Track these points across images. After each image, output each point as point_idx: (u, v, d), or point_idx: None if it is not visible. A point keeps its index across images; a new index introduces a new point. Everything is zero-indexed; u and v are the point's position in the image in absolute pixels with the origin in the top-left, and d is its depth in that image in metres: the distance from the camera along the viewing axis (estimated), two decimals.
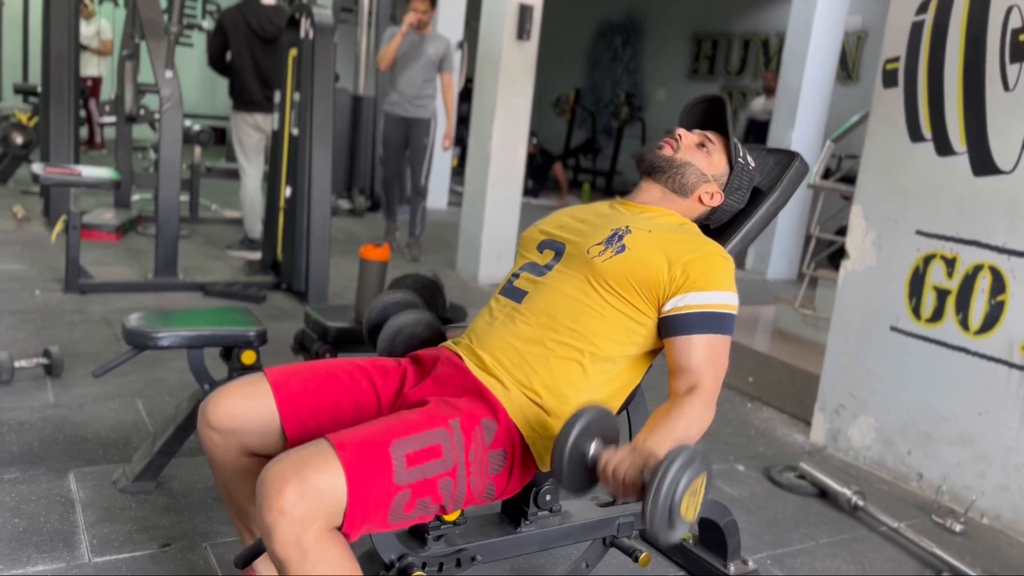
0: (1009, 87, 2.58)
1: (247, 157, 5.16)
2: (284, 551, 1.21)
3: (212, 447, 1.52)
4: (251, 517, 1.60)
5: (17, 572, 1.83)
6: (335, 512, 1.25)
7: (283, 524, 1.20)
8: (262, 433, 1.49)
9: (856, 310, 3.04)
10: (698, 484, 1.21)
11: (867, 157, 3.01)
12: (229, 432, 1.49)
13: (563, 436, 1.29)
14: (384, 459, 1.30)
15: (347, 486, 1.24)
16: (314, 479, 1.22)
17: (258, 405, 1.49)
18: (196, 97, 10.82)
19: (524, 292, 1.62)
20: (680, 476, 1.18)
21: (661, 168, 1.72)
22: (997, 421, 2.62)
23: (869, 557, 2.36)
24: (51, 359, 2.91)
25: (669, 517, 1.18)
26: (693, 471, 1.20)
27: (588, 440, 1.30)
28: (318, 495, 1.22)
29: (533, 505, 1.66)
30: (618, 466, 1.27)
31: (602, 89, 12.19)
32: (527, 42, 4.97)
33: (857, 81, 8.50)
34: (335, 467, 1.24)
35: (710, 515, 2.01)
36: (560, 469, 1.29)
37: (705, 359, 1.50)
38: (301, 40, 4.23)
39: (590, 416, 1.31)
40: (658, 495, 1.17)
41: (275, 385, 1.51)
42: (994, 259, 2.62)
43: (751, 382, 3.74)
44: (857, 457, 3.02)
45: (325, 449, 1.26)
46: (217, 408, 1.49)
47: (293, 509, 1.20)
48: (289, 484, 1.20)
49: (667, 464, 1.19)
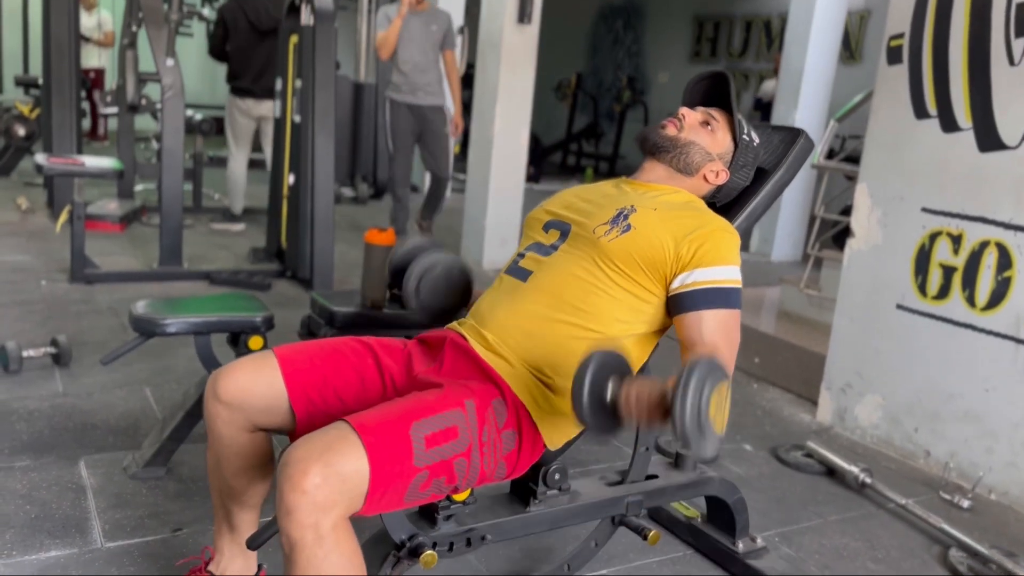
0: (1014, 61, 2.57)
1: (236, 140, 5.59)
2: (300, 533, 1.21)
3: (215, 419, 1.53)
4: (235, 494, 1.61)
5: (31, 557, 1.84)
6: (356, 496, 1.25)
7: (305, 505, 1.20)
8: (268, 408, 1.50)
9: (862, 289, 3.03)
10: (722, 392, 1.22)
11: (872, 135, 3.00)
12: (236, 406, 1.50)
13: (579, 380, 1.28)
14: (405, 441, 1.30)
15: (370, 470, 1.25)
16: (338, 463, 1.23)
17: (266, 380, 1.50)
18: (197, 86, 10.80)
19: (529, 272, 1.62)
20: (704, 382, 1.19)
21: (664, 148, 1.72)
22: (1004, 397, 2.61)
23: (877, 534, 2.37)
24: (59, 348, 2.92)
25: (699, 424, 1.18)
26: (715, 378, 1.20)
27: (605, 379, 1.30)
28: (341, 479, 1.22)
29: (542, 484, 1.67)
30: (639, 392, 1.27)
31: (604, 73, 12.14)
32: (528, 25, 4.95)
33: (860, 61, 8.45)
34: (359, 452, 1.25)
35: (718, 493, 2.01)
36: (582, 413, 1.28)
37: (718, 333, 1.51)
38: (302, 27, 4.22)
39: (601, 357, 1.30)
40: (684, 401, 1.17)
41: (283, 361, 1.52)
42: (1000, 235, 2.61)
43: (757, 363, 3.74)
44: (864, 436, 3.03)
45: (347, 433, 1.27)
46: (226, 382, 1.50)
47: (316, 491, 1.20)
48: (314, 467, 1.21)
49: (688, 372, 1.19)
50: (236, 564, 1.67)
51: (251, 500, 1.64)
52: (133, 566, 1.85)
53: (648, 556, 2.09)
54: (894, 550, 2.29)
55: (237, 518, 1.64)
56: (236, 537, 1.66)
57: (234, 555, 1.67)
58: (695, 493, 1.98)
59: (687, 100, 1.81)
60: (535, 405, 1.49)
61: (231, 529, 1.66)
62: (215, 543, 1.69)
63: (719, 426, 1.22)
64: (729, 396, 1.24)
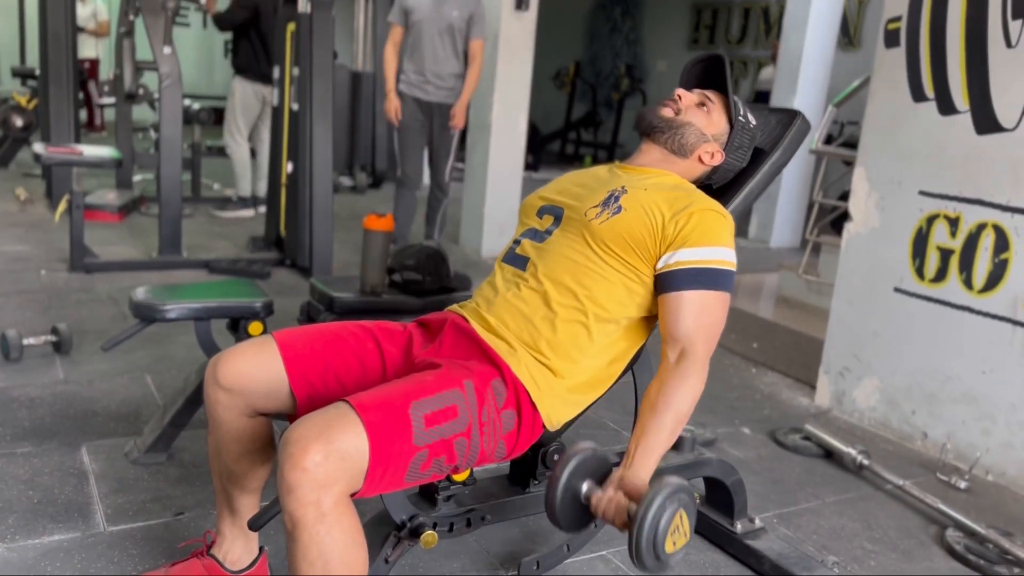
0: (1011, 44, 2.57)
1: (243, 125, 5.57)
2: (302, 510, 1.22)
3: (215, 404, 1.54)
4: (236, 479, 1.62)
5: (34, 541, 1.85)
6: (356, 474, 1.26)
7: (306, 483, 1.21)
8: (269, 393, 1.51)
9: (860, 272, 3.04)
10: (678, 521, 1.27)
11: (869, 118, 3.00)
12: (236, 391, 1.51)
13: (554, 481, 1.32)
14: (404, 420, 1.31)
15: (369, 448, 1.26)
16: (338, 441, 1.24)
17: (266, 365, 1.51)
18: (194, 76, 10.78)
19: (527, 258, 1.63)
20: (661, 513, 1.24)
21: (660, 128, 1.72)
22: (1001, 379, 2.63)
23: (875, 514, 2.38)
24: (59, 336, 2.93)
25: (655, 552, 1.25)
26: (672, 509, 1.26)
27: (580, 480, 1.34)
28: (341, 457, 1.23)
29: (541, 465, 1.68)
30: (607, 508, 1.32)
31: (602, 61, 12.11)
32: (526, 12, 4.95)
33: (859, 47, 8.43)
34: (358, 429, 1.26)
35: (716, 474, 2.03)
36: (554, 511, 1.32)
37: (694, 321, 1.49)
38: (299, 14, 4.21)
39: (580, 458, 1.34)
40: (641, 533, 1.24)
41: (283, 346, 1.52)
42: (997, 217, 2.62)
43: (756, 348, 3.75)
44: (862, 418, 3.04)
45: (347, 412, 1.28)
46: (227, 367, 1.51)
47: (317, 468, 1.21)
48: (314, 444, 1.22)
49: (648, 502, 1.25)
50: (238, 547, 1.69)
51: (252, 484, 1.65)
52: (136, 549, 1.87)
53: None
54: (891, 530, 2.30)
55: (238, 502, 1.66)
56: (237, 520, 1.67)
57: (235, 538, 1.68)
58: (693, 474, 1.99)
59: (684, 82, 1.81)
60: (534, 385, 1.50)
61: (232, 513, 1.67)
62: (217, 527, 1.70)
63: (678, 545, 1.28)
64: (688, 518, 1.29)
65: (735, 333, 3.78)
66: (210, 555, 1.68)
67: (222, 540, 1.69)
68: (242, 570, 1.69)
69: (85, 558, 1.82)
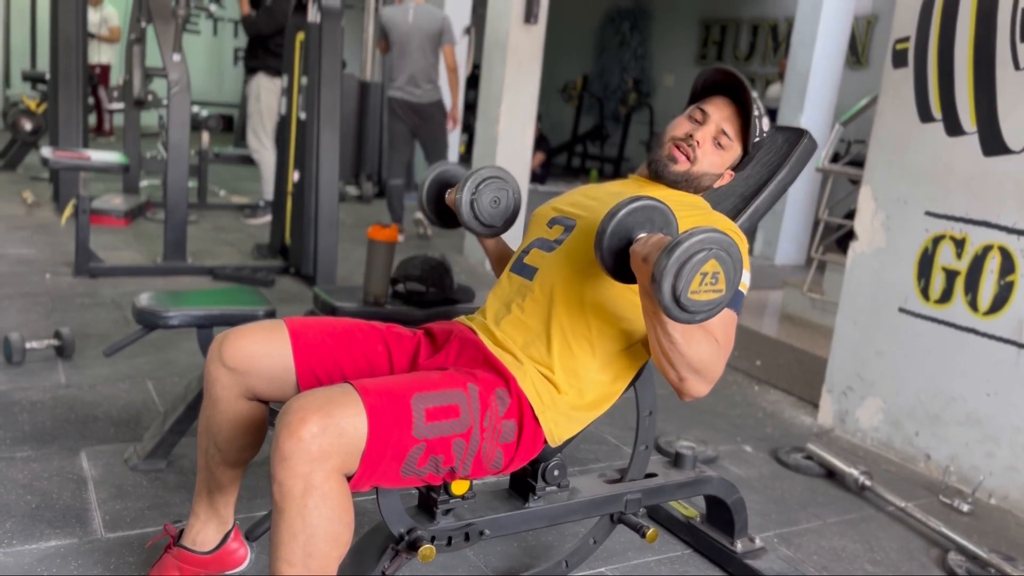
0: (1020, 66, 2.57)
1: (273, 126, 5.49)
2: (292, 481, 1.21)
3: (215, 382, 1.52)
4: (221, 457, 1.60)
5: (31, 546, 1.85)
6: (352, 453, 1.25)
7: (300, 453, 1.20)
8: (272, 379, 1.51)
9: (865, 292, 3.03)
10: (712, 267, 1.26)
11: (876, 138, 3.00)
12: (240, 372, 1.50)
13: (618, 206, 1.38)
14: (405, 409, 1.31)
15: (368, 429, 1.26)
16: (337, 415, 1.24)
17: (274, 351, 1.50)
18: (203, 84, 10.84)
19: (535, 269, 1.63)
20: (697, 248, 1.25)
21: (677, 184, 1.71)
22: (1006, 401, 2.61)
23: (876, 536, 2.37)
24: (62, 340, 2.93)
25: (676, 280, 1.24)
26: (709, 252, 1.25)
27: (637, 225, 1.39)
28: (338, 432, 1.23)
29: (541, 480, 1.67)
30: (647, 240, 1.34)
31: (610, 75, 12.15)
32: (534, 25, 4.96)
33: (867, 66, 8.45)
34: (358, 408, 1.26)
35: (717, 493, 2.01)
36: (603, 231, 1.38)
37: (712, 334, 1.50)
38: (308, 24, 4.23)
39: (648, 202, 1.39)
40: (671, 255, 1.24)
41: (294, 334, 1.52)
42: (1004, 239, 2.61)
43: (759, 365, 3.74)
44: (865, 438, 3.03)
45: (349, 391, 1.28)
46: (233, 347, 1.50)
47: (313, 440, 1.21)
48: (312, 416, 1.22)
49: (689, 233, 1.26)
50: (210, 527, 1.67)
51: (237, 461, 1.63)
52: (133, 556, 1.86)
53: (646, 555, 2.09)
54: (893, 552, 2.29)
55: (220, 476, 1.63)
56: (213, 500, 1.66)
57: (209, 519, 1.67)
58: (694, 492, 1.98)
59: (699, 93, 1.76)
60: (539, 399, 1.50)
61: (210, 492, 1.65)
62: (193, 506, 1.68)
63: (702, 297, 1.27)
64: (728, 274, 1.28)
65: (738, 350, 3.77)
66: (178, 545, 1.67)
67: (194, 521, 1.67)
68: (212, 549, 1.68)
69: (82, 564, 1.81)
